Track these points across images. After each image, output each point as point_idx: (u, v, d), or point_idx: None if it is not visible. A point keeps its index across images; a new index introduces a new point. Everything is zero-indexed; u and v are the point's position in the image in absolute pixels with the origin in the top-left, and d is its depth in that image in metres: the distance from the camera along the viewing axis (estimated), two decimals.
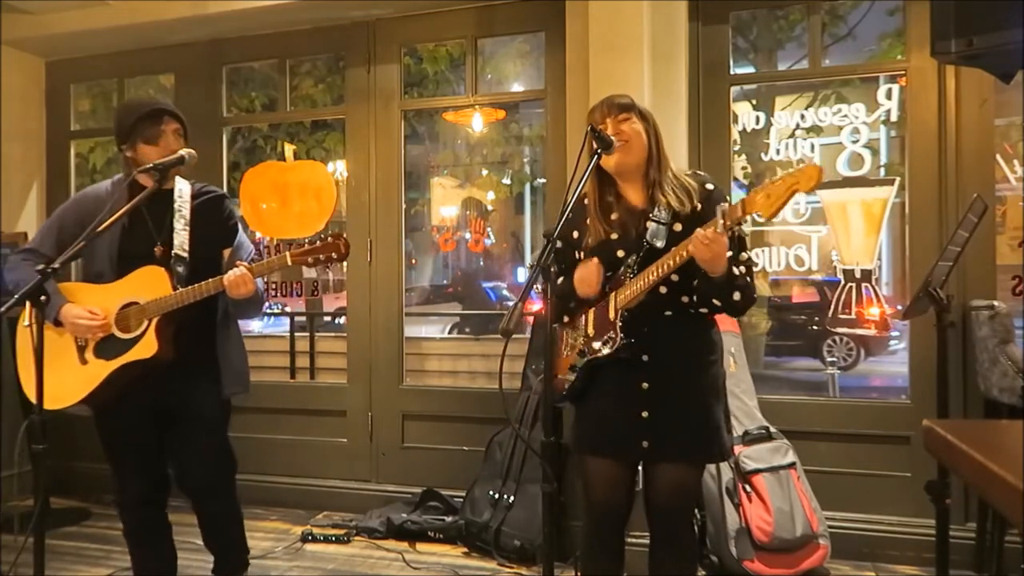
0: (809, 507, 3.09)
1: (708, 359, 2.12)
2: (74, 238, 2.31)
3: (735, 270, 1.97)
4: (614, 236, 2.11)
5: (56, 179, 4.70)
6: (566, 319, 2.23)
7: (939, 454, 1.12)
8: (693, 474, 2.15)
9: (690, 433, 2.06)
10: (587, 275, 2.08)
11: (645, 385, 2.06)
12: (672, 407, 2.06)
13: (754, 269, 2.09)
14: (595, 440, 2.14)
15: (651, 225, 2.06)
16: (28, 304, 2.15)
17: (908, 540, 3.22)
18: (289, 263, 2.30)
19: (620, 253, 2.09)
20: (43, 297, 2.05)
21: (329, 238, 2.30)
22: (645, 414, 2.06)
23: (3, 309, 2.02)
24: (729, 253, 1.93)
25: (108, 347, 2.38)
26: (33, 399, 2.20)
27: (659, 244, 2.03)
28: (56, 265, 2.09)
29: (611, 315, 2.07)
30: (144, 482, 2.53)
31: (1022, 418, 2.24)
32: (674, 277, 2.02)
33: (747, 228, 4.49)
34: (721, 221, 1.85)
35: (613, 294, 2.08)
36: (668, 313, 2.07)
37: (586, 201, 2.18)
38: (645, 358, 2.06)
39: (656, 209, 2.07)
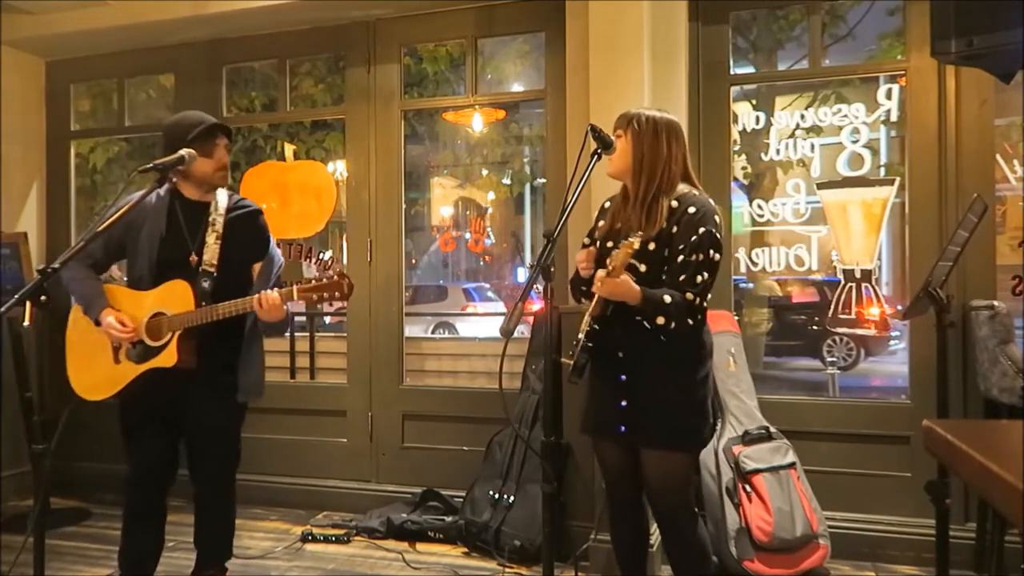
0: (809, 507, 3.09)
1: (680, 357, 2.24)
2: (119, 243, 2.56)
3: (666, 298, 2.12)
4: (609, 244, 2.28)
5: (56, 179, 4.70)
6: (583, 301, 2.42)
7: (939, 454, 1.12)
8: (672, 458, 2.27)
9: (660, 421, 2.24)
10: (580, 255, 2.33)
11: (623, 377, 2.27)
12: (645, 398, 2.25)
13: (708, 294, 2.21)
14: (589, 423, 2.43)
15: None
16: (28, 304, 2.18)
17: (908, 540, 3.22)
18: (295, 299, 2.39)
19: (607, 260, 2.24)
20: (43, 297, 2.08)
21: (336, 276, 2.37)
22: (624, 403, 2.28)
23: (3, 309, 2.03)
24: (681, 277, 2.14)
25: (138, 351, 2.52)
26: (77, 390, 2.58)
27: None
28: (56, 265, 2.12)
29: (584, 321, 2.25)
30: (150, 466, 2.60)
31: (1022, 418, 2.25)
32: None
33: (748, 229, 4.48)
34: (606, 270, 2.09)
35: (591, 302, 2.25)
36: (638, 317, 2.19)
37: (607, 205, 2.40)
38: (621, 355, 2.26)
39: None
